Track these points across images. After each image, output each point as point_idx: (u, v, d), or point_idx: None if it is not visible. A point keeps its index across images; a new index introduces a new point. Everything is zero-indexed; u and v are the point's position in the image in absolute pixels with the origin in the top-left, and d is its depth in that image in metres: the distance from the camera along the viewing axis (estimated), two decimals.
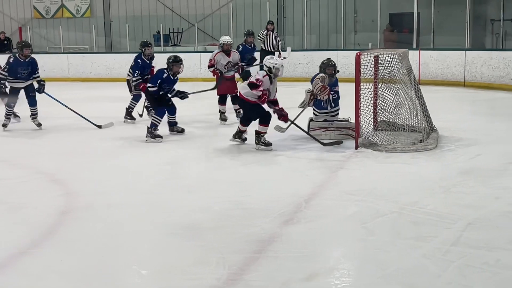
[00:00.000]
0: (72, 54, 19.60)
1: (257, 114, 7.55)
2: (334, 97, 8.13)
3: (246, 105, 7.62)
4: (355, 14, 19.26)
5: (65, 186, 6.10)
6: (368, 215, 4.88)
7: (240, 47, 10.91)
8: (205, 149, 7.72)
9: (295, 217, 4.90)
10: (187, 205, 5.33)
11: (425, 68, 14.85)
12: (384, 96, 7.79)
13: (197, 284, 3.70)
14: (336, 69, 8.24)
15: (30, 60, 9.33)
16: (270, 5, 19.21)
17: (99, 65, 18.42)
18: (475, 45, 16.28)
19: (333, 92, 8.07)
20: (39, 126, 9.43)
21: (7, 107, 9.38)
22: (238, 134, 7.77)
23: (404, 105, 7.81)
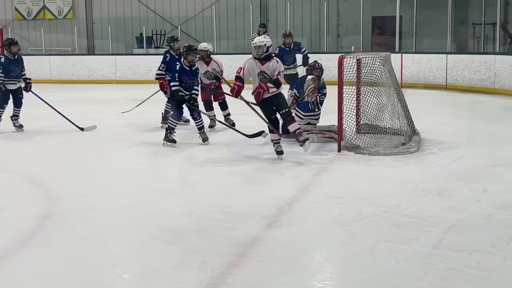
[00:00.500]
0: (54, 56, 19.47)
1: (265, 113, 7.24)
2: (321, 99, 8.17)
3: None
4: (338, 17, 19.35)
5: (46, 189, 6.06)
6: (350, 218, 4.89)
7: (278, 49, 10.78)
8: (188, 152, 7.70)
9: (278, 220, 4.90)
10: (169, 208, 5.31)
11: (406, 71, 14.96)
12: (366, 99, 7.83)
13: (179, 287, 3.69)
14: (322, 71, 8.30)
15: (19, 58, 9.33)
16: (254, 8, 19.24)
17: (81, 67, 18.33)
18: (456, 49, 16.43)
19: (320, 94, 8.12)
20: (21, 127, 9.36)
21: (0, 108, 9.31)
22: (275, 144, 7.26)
23: (386, 108, 7.85)
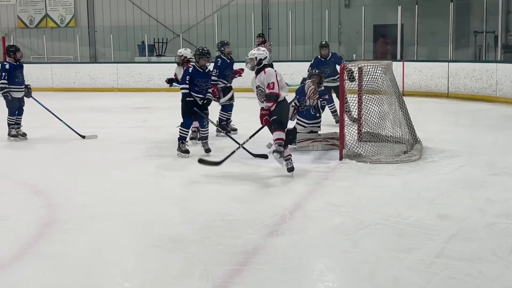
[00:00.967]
0: (56, 64, 19.51)
1: None
2: (323, 104, 8.19)
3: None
4: (339, 25, 19.39)
5: (47, 197, 6.05)
6: (352, 226, 4.88)
7: (313, 59, 10.54)
8: (189, 161, 7.68)
9: (280, 229, 4.89)
10: (170, 216, 5.30)
11: (408, 79, 14.96)
12: (368, 107, 7.83)
13: None
14: (321, 78, 8.32)
15: (21, 64, 9.39)
16: (255, 16, 19.28)
17: (83, 75, 18.35)
18: (458, 57, 16.43)
19: (322, 99, 8.14)
20: (24, 136, 9.37)
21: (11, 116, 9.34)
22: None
23: (388, 116, 7.85)
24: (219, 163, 6.84)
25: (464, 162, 7.20)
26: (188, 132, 7.91)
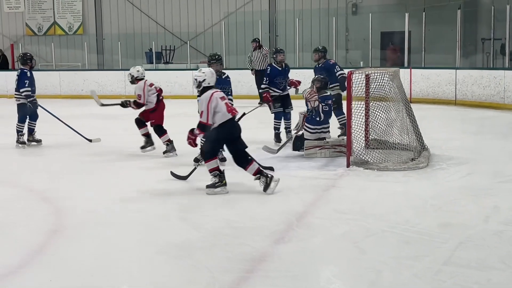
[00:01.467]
0: (64, 71, 19.60)
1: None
2: (325, 108, 8.16)
3: None
4: (346, 32, 19.41)
5: (55, 204, 6.06)
6: (359, 234, 4.87)
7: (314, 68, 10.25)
8: (196, 167, 7.68)
9: (287, 236, 4.89)
10: (178, 223, 5.31)
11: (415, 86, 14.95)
12: (375, 114, 7.82)
13: None
14: (323, 83, 8.31)
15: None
16: (262, 23, 19.31)
17: (91, 82, 18.39)
18: (465, 64, 16.40)
19: (324, 104, 8.12)
20: (39, 142, 9.44)
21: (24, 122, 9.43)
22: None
23: (395, 123, 7.84)
24: (186, 177, 6.86)
25: (471, 170, 7.17)
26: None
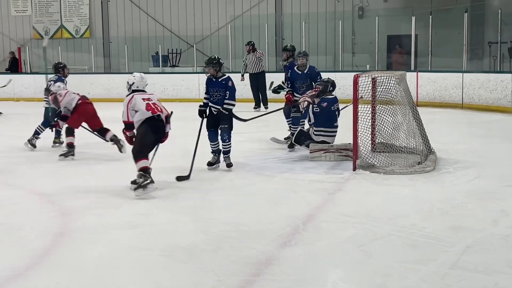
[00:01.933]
0: (71, 74, 19.56)
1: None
2: (315, 110, 8.20)
3: None
4: (353, 36, 19.40)
5: (60, 207, 6.07)
6: (365, 237, 4.85)
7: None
8: (202, 170, 7.68)
9: (293, 239, 4.88)
10: (183, 226, 5.30)
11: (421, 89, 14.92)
12: (382, 118, 7.81)
13: None
14: (328, 85, 8.31)
15: None
16: (269, 26, 19.34)
17: (98, 85, 18.45)
18: (472, 68, 16.36)
19: (316, 106, 8.14)
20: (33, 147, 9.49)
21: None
22: None
23: (402, 127, 7.82)
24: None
25: (478, 173, 7.15)
26: (213, 145, 7.68)
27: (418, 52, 16.81)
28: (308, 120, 8.51)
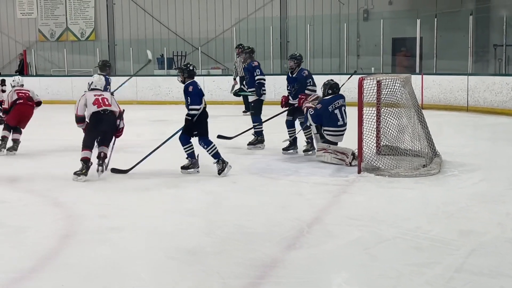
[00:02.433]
0: (76, 77, 19.68)
1: None
2: (310, 112, 8.23)
3: None
4: (358, 38, 19.40)
5: (66, 209, 6.08)
6: (370, 240, 4.85)
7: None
8: (207, 173, 7.68)
9: (298, 242, 4.87)
10: (188, 229, 5.30)
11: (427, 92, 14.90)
12: (387, 121, 7.80)
13: None
14: (333, 86, 8.33)
15: None
16: (273, 29, 19.34)
17: None
18: (477, 70, 16.34)
19: (311, 109, 8.23)
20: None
21: None
22: None
23: (407, 129, 7.81)
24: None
25: (484, 176, 7.14)
26: (212, 148, 7.50)
27: (423, 55, 16.80)
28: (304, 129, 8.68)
